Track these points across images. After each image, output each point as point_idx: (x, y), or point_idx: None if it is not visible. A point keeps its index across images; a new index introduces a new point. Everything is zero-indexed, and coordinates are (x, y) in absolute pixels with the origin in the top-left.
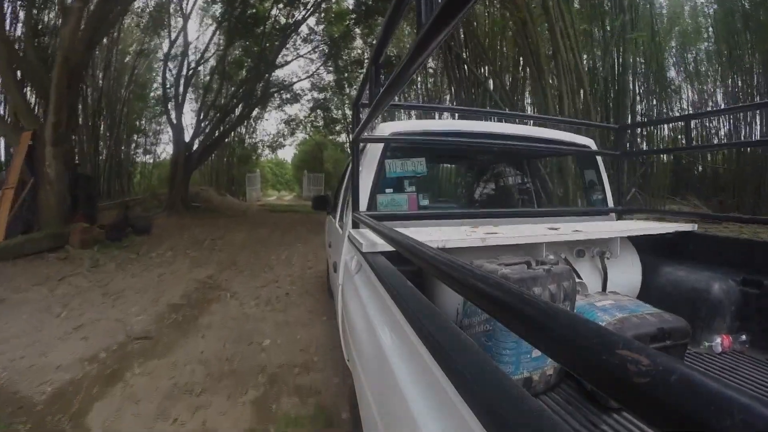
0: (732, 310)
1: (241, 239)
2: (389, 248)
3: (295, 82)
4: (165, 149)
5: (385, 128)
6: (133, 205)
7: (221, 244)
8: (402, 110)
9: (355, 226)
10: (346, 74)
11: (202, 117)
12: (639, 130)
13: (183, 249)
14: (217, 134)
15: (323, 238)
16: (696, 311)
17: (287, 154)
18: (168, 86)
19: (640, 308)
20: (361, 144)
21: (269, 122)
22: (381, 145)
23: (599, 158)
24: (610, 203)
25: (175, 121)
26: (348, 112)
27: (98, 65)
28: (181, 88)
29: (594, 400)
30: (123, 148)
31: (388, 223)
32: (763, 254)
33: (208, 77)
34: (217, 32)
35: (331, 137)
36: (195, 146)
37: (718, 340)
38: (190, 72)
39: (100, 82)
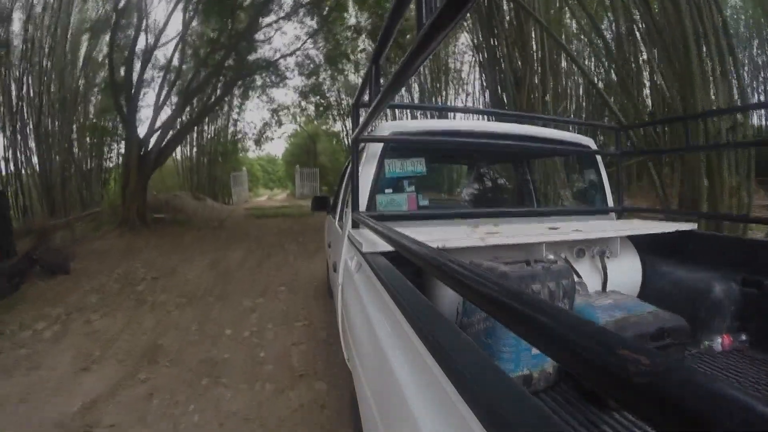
0: (732, 309)
1: (197, 275)
2: (389, 248)
3: (278, 59)
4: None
5: (385, 128)
6: (89, 220)
7: (162, 287)
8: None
9: (355, 226)
10: (343, 46)
11: (160, 103)
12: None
13: (90, 309)
14: (180, 125)
15: (324, 261)
16: (696, 311)
17: (278, 149)
18: (114, 69)
19: (639, 307)
20: (361, 144)
21: (254, 113)
22: (381, 145)
23: (599, 158)
24: (610, 203)
25: (126, 112)
26: (343, 93)
27: (35, 47)
28: (135, 73)
29: (594, 400)
30: (93, 152)
31: (388, 223)
32: (763, 254)
33: (168, 57)
34: (182, 4)
35: (324, 127)
36: (152, 143)
37: (718, 339)
38: (147, 53)
39: (46, 70)
